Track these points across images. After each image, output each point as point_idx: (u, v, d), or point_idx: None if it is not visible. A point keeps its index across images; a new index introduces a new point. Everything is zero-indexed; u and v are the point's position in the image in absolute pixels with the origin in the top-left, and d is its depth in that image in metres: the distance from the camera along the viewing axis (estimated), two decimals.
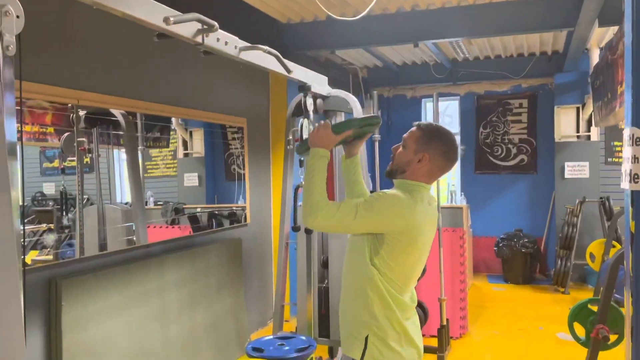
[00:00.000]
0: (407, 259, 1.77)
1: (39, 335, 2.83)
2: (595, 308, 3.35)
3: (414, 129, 1.86)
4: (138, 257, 3.55)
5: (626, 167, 1.73)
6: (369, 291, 1.76)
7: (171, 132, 4.34)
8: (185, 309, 3.83)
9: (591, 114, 6.60)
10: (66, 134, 3.10)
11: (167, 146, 4.34)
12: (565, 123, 7.05)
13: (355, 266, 1.83)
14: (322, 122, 1.88)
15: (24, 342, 1.14)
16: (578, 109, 6.99)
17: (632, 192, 1.70)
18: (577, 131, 7.02)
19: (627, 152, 1.72)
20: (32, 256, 3.03)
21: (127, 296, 3.32)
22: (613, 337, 3.25)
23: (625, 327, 1.78)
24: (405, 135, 1.87)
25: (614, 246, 5.69)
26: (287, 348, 2.94)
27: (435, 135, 1.81)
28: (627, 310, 1.77)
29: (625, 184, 1.73)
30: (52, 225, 3.29)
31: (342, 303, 1.93)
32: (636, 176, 1.67)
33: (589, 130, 6.97)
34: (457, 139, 8.08)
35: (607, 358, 3.72)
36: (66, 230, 3.25)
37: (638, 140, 1.65)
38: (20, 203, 1.22)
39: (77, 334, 2.95)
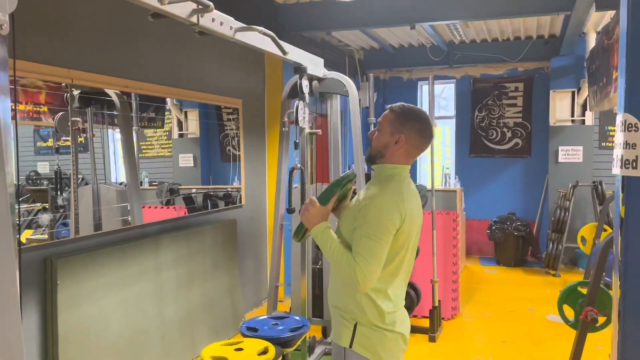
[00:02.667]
0: (394, 244, 1.78)
1: (35, 313, 2.85)
2: (584, 291, 3.40)
3: (387, 112, 1.88)
4: (133, 237, 3.56)
5: (618, 152, 1.75)
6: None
7: (166, 113, 4.32)
8: (181, 288, 3.86)
9: (586, 99, 6.61)
10: (60, 114, 3.09)
11: (162, 126, 4.32)
12: (560, 107, 7.07)
13: None
14: (307, 199, 1.91)
15: (20, 321, 1.15)
16: (573, 93, 7.00)
17: (623, 177, 1.72)
18: (572, 115, 7.04)
19: (619, 137, 1.73)
20: (26, 235, 3.03)
21: (122, 275, 3.34)
22: (601, 320, 3.31)
23: (612, 309, 1.82)
24: (379, 119, 1.89)
25: (605, 230, 5.75)
26: (281, 327, 2.97)
27: (409, 115, 1.83)
28: (615, 293, 1.81)
29: (617, 169, 1.75)
30: (46, 205, 3.30)
31: (330, 293, 1.96)
32: (627, 162, 1.69)
33: (583, 115, 6.99)
34: (453, 122, 8.10)
35: (594, 340, 3.79)
36: (61, 210, 3.25)
37: (630, 126, 1.67)
38: (15, 182, 1.22)
39: (73, 311, 2.98)
